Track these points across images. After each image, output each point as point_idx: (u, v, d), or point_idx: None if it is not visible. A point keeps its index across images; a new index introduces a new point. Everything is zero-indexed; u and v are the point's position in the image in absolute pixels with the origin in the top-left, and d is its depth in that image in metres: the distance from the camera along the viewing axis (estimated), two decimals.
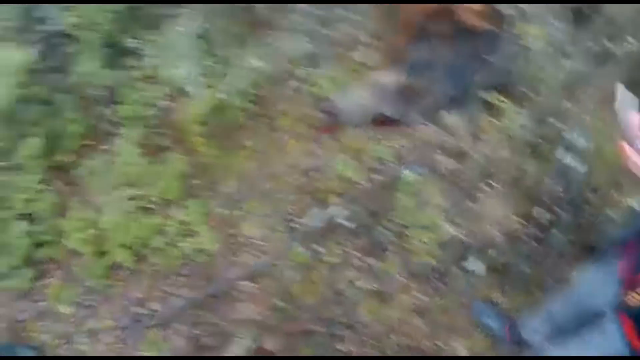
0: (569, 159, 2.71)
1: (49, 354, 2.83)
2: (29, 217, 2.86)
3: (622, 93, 1.52)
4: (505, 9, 2.76)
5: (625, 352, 1.69)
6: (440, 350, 2.71)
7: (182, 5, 2.68)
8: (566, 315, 2.14)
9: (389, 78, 2.86)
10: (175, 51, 2.63)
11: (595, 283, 1.97)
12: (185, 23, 2.65)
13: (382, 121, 2.95)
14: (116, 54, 2.84)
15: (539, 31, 2.36)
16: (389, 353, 2.69)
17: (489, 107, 2.68)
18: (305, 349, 2.69)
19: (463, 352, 2.71)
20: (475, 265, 2.79)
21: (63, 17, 2.76)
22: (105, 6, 2.74)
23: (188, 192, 2.85)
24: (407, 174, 2.75)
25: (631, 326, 1.68)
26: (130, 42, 2.77)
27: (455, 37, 2.91)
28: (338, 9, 2.72)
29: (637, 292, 1.68)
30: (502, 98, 2.54)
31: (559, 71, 2.38)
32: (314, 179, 2.88)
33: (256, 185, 2.88)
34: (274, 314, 2.76)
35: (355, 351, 2.71)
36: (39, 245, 2.88)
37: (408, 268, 2.79)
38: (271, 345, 2.69)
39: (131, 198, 2.79)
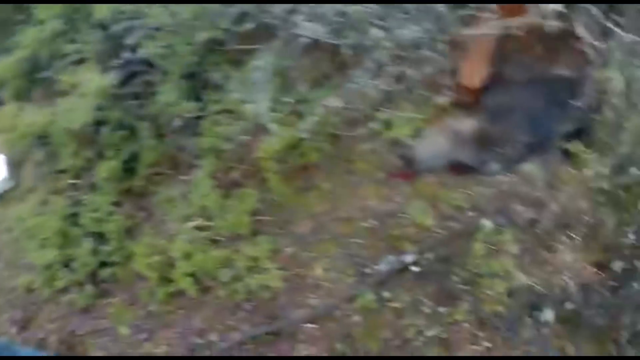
0: None
1: None
2: (98, 236, 2.91)
3: None
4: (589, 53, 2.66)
5: None
6: None
7: (265, 41, 2.62)
8: None
9: (467, 124, 2.77)
10: (253, 87, 2.57)
11: None
12: (265, 59, 2.58)
13: (459, 168, 2.86)
14: (198, 86, 2.82)
15: (620, 75, 2.25)
16: None
17: (568, 155, 2.57)
18: None
19: None
20: (547, 315, 2.70)
21: (147, 46, 2.72)
22: (189, 37, 2.69)
23: (259, 228, 2.82)
24: (484, 222, 2.66)
25: None
26: (212, 76, 2.72)
27: (533, 82, 2.81)
28: (423, 50, 2.63)
29: None
30: (581, 147, 2.43)
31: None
32: (388, 224, 2.81)
33: (328, 227, 2.83)
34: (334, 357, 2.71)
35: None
36: (105, 264, 2.92)
37: (478, 317, 2.71)
38: None
39: (202, 229, 2.77)
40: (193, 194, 2.78)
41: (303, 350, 2.76)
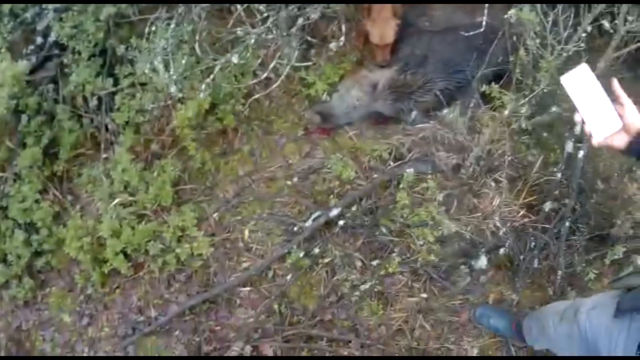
0: (571, 147, 2.62)
1: None
2: (28, 227, 2.88)
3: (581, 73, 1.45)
4: None
5: None
6: (448, 352, 2.66)
7: (166, 9, 2.61)
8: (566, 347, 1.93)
9: (383, 75, 2.77)
10: (159, 56, 2.55)
11: (610, 336, 1.65)
12: (167, 27, 2.56)
13: (378, 120, 2.86)
14: (109, 62, 2.81)
15: (532, 17, 2.25)
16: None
17: (488, 99, 2.58)
18: (307, 354, 2.66)
19: (473, 353, 2.65)
20: (481, 262, 2.71)
21: (56, 28, 2.70)
22: (96, 14, 2.68)
23: (183, 197, 2.82)
24: (408, 172, 2.66)
25: None
26: (121, 50, 2.71)
27: (450, 30, 2.81)
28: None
29: None
30: (500, 89, 2.44)
31: (556, 57, 2.28)
32: (311, 180, 2.82)
33: (252, 189, 2.83)
34: (272, 319, 2.73)
35: (359, 355, 2.68)
36: (39, 254, 2.90)
37: (411, 267, 2.73)
38: (270, 350, 2.65)
39: (126, 205, 2.76)
40: (115, 171, 2.76)
41: (242, 314, 2.78)
